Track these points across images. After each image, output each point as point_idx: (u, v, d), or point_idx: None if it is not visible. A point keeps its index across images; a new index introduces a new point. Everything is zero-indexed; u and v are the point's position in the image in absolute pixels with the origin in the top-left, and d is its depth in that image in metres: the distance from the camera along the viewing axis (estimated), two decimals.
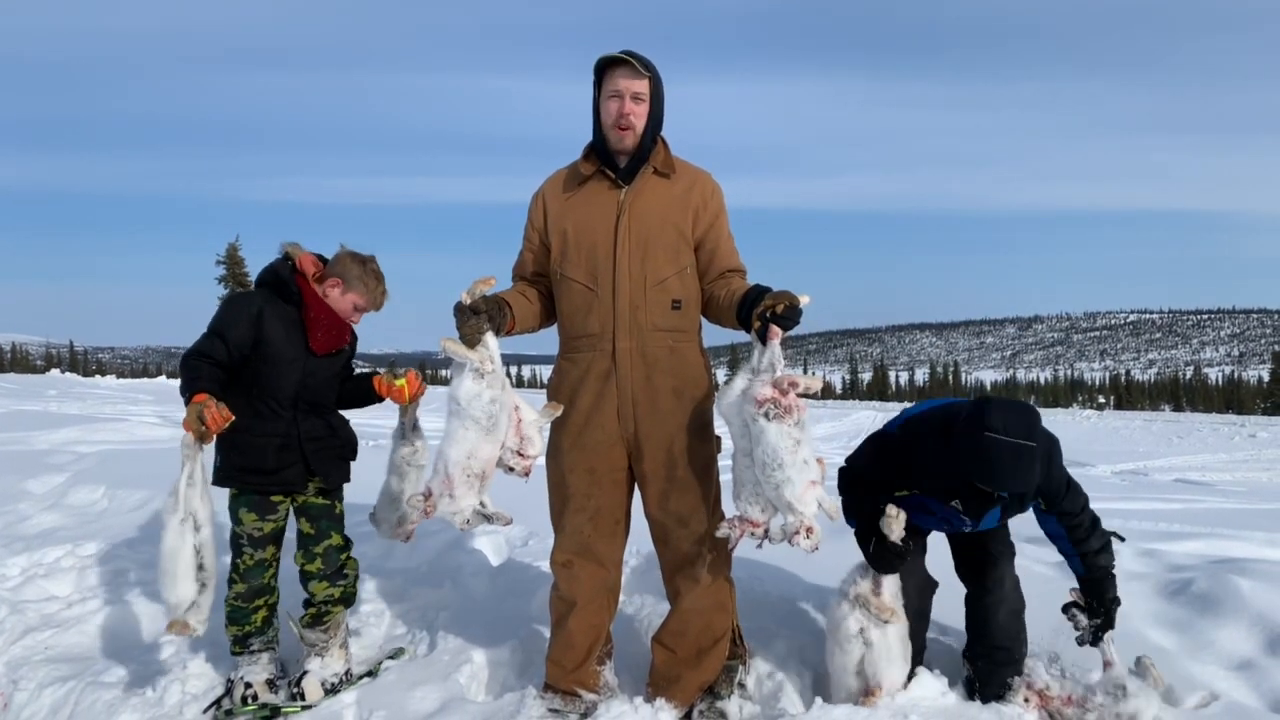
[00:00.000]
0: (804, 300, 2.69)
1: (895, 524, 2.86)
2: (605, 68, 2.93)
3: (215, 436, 2.92)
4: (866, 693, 2.90)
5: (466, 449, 2.73)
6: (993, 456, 2.59)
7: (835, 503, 2.75)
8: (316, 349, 3.17)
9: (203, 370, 2.97)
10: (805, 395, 2.68)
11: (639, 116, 2.93)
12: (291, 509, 3.32)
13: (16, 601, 4.12)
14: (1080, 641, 3.08)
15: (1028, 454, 2.60)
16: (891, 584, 2.94)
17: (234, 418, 2.88)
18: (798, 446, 2.64)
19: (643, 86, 2.92)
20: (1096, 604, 3.03)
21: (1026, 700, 2.97)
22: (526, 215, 3.15)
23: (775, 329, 2.70)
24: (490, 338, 2.80)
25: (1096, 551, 3.02)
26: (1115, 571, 3.06)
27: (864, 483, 3.04)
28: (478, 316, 2.76)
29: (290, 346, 3.14)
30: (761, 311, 2.72)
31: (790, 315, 2.68)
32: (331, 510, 3.32)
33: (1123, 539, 3.28)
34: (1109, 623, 3.04)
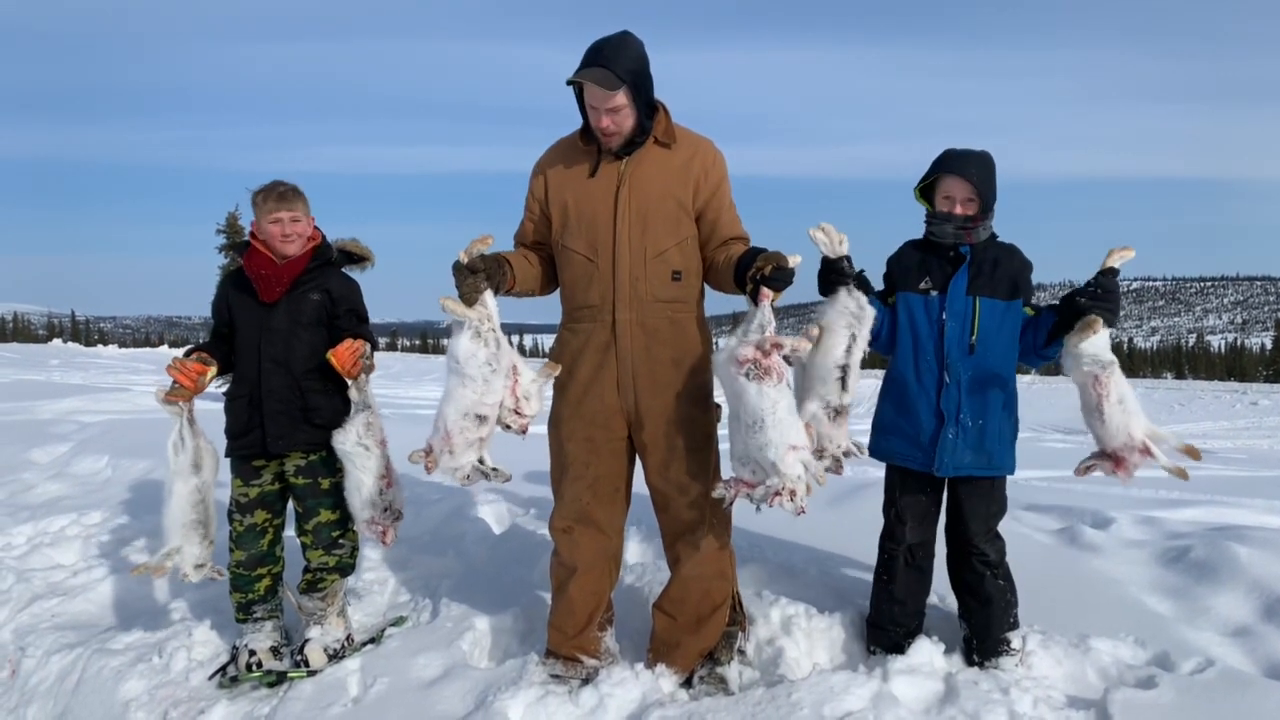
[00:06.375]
0: (794, 260, 2.68)
1: (820, 234, 2.87)
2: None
3: (199, 386, 3.13)
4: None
5: (464, 406, 2.76)
6: (946, 151, 3.03)
7: (820, 469, 2.74)
8: (265, 298, 3.23)
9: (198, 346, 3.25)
10: (794, 354, 2.67)
11: (621, 122, 2.84)
12: (284, 482, 3.33)
13: (23, 570, 4.17)
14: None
15: (976, 154, 3.00)
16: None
17: (210, 368, 3.16)
18: (777, 408, 2.63)
19: (619, 99, 2.79)
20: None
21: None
22: (528, 184, 3.12)
23: (765, 291, 2.69)
24: (489, 297, 2.79)
25: None
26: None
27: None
28: (475, 275, 2.75)
29: (247, 303, 3.27)
30: (752, 274, 2.72)
31: (779, 277, 2.68)
32: (315, 488, 3.30)
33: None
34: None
